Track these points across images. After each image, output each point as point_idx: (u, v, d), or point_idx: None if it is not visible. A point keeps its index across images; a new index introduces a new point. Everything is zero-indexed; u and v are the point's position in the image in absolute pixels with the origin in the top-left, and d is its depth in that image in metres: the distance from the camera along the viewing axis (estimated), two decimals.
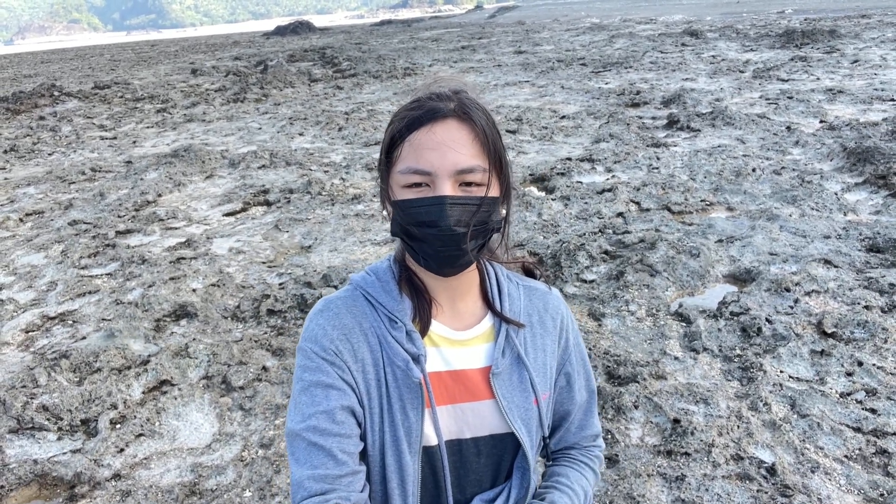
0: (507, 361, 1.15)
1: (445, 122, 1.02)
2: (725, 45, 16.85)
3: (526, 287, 1.25)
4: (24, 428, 2.98)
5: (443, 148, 1.00)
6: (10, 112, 13.57)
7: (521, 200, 5.78)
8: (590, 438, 1.32)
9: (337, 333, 1.09)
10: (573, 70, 14.44)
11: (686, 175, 6.18)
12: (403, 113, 1.05)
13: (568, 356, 1.26)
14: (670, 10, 34.44)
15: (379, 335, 1.10)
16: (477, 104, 1.06)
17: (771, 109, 8.75)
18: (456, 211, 1.00)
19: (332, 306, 1.13)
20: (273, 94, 14.17)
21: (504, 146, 1.09)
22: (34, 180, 7.95)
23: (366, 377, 1.09)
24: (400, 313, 1.11)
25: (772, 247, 4.42)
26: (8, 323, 4.18)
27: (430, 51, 22.18)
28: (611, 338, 3.54)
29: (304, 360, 1.09)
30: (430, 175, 1.00)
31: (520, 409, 1.15)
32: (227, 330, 3.88)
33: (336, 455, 1.02)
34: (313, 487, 1.00)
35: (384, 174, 1.09)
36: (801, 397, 2.87)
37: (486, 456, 1.15)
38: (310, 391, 1.06)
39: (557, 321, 1.24)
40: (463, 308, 1.17)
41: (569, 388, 1.26)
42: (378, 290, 1.13)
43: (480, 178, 1.02)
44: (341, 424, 1.04)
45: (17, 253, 5.43)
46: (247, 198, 6.55)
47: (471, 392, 1.13)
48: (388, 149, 1.07)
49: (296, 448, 1.04)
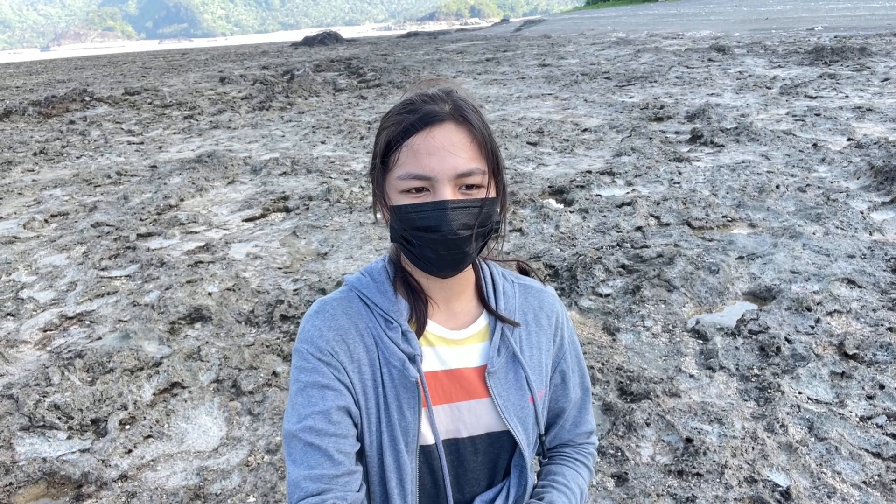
0: (503, 360, 1.15)
1: (443, 126, 1.02)
2: (753, 60, 16.68)
3: (521, 285, 1.25)
4: (35, 426, 3.01)
5: (442, 152, 1.00)
6: (42, 115, 13.88)
7: (539, 212, 5.74)
8: (584, 435, 1.34)
9: (333, 335, 1.10)
10: (597, 83, 14.39)
11: (708, 190, 6.10)
12: (397, 116, 1.05)
13: (563, 354, 1.26)
14: (697, 25, 34.21)
15: (375, 336, 1.11)
16: (470, 104, 1.06)
17: (797, 126, 8.61)
18: (458, 214, 1.00)
19: (327, 307, 1.14)
20: (298, 102, 14.32)
21: (497, 145, 1.10)
22: (61, 182, 8.10)
23: (362, 378, 1.09)
24: (395, 314, 1.11)
25: (794, 265, 4.32)
26: (27, 322, 4.24)
27: (454, 63, 22.28)
28: (625, 353, 3.48)
29: (300, 362, 1.09)
30: (431, 180, 1.00)
31: (516, 407, 1.15)
32: (240, 334, 3.89)
33: (332, 455, 1.03)
34: (310, 487, 1.01)
35: (379, 179, 1.09)
36: (820, 420, 2.79)
37: (483, 454, 1.16)
38: (306, 392, 1.06)
39: (553, 319, 1.24)
40: (458, 307, 1.17)
41: (564, 385, 1.27)
42: (373, 290, 1.14)
43: (480, 180, 1.03)
44: (337, 425, 1.05)
45: (41, 253, 5.52)
46: (267, 204, 6.60)
47: (467, 391, 1.13)
48: (383, 153, 1.06)
49: (292, 448, 1.05)
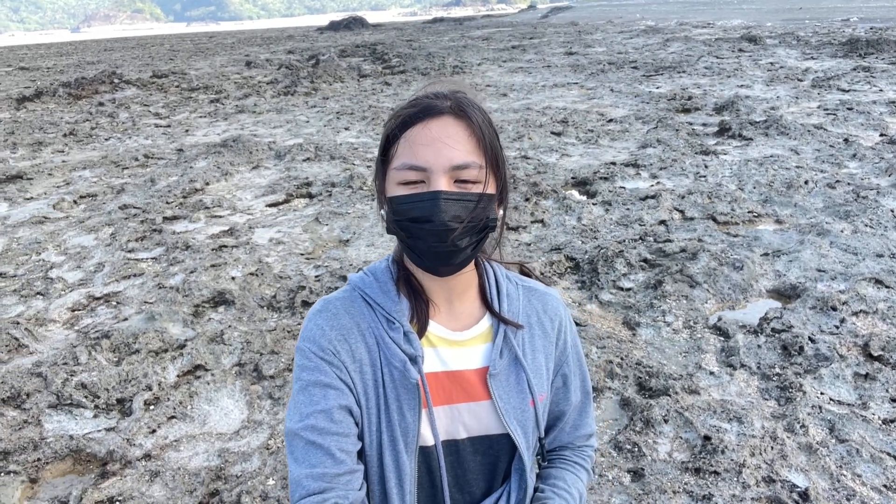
0: (505, 362, 1.15)
1: (441, 119, 1.02)
2: (785, 52, 16.34)
3: (525, 287, 1.24)
4: (63, 404, 3.09)
5: (437, 144, 1.00)
6: (71, 97, 14.09)
7: (562, 204, 5.71)
8: (583, 438, 1.34)
9: (335, 334, 1.09)
10: (624, 73, 14.21)
11: (734, 184, 6.01)
12: (400, 111, 1.05)
13: (565, 358, 1.26)
14: (729, 14, 33.57)
15: (377, 336, 1.11)
16: (474, 103, 1.06)
17: (829, 120, 8.44)
18: (451, 206, 0.99)
19: (330, 307, 1.14)
20: (322, 88, 14.36)
21: (501, 145, 1.09)
22: (90, 164, 8.23)
23: (363, 377, 1.09)
24: (397, 314, 1.11)
25: (820, 263, 4.26)
26: (56, 301, 4.34)
27: (479, 49, 22.14)
28: (644, 348, 3.46)
29: (303, 360, 1.09)
30: (426, 171, 1.00)
31: (516, 410, 1.14)
32: (262, 319, 3.94)
33: (334, 454, 1.03)
34: (311, 486, 1.01)
35: (380, 173, 1.09)
36: (841, 421, 2.76)
37: (482, 456, 1.16)
38: (308, 390, 1.07)
39: (556, 323, 1.23)
40: (461, 309, 1.17)
41: (565, 389, 1.27)
42: (376, 290, 1.14)
43: (476, 174, 1.02)
44: (339, 423, 1.05)
45: (70, 234, 5.63)
46: (290, 189, 6.65)
47: (467, 393, 1.13)
48: (384, 147, 1.07)
49: (294, 447, 1.05)
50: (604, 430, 2.86)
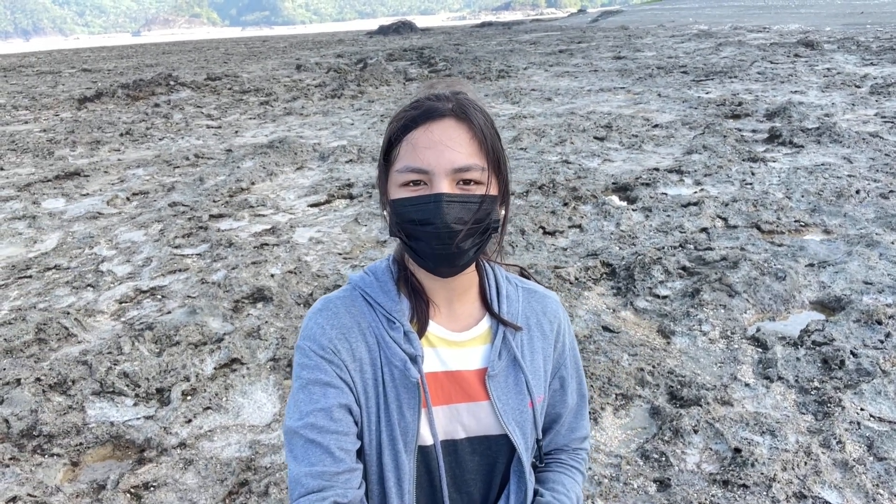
0: (504, 363, 1.15)
1: (443, 121, 1.03)
2: (843, 57, 15.79)
3: (525, 289, 1.25)
4: (106, 391, 3.22)
5: (439, 146, 1.01)
6: (129, 98, 14.63)
7: (601, 209, 5.65)
8: (578, 441, 1.35)
9: (335, 333, 1.10)
10: (673, 78, 13.96)
11: (782, 193, 5.85)
12: (402, 114, 1.07)
13: (563, 360, 1.26)
14: (786, 18, 32.61)
15: (377, 335, 1.11)
16: (476, 105, 1.06)
17: (886, 128, 8.13)
18: (454, 208, 1.00)
19: (330, 305, 1.15)
20: (368, 91, 14.54)
21: (503, 147, 1.09)
22: (144, 163, 8.54)
23: (363, 376, 1.10)
24: (398, 314, 1.11)
25: (867, 275, 4.11)
26: (105, 293, 4.52)
27: (526, 54, 22.07)
28: (678, 357, 3.41)
29: (303, 359, 1.10)
30: (428, 173, 1.01)
31: (514, 411, 1.15)
32: (298, 316, 4.02)
33: (333, 452, 1.04)
34: (311, 484, 1.02)
35: (383, 176, 1.10)
36: (881, 439, 2.66)
37: (480, 456, 1.16)
38: (308, 389, 1.07)
39: (555, 325, 1.24)
40: (460, 309, 1.17)
41: (562, 391, 1.27)
42: (376, 290, 1.15)
43: (479, 176, 1.02)
44: (339, 422, 1.05)
45: (121, 229, 5.85)
46: (332, 190, 6.77)
47: (466, 393, 1.13)
48: (386, 150, 1.08)
49: (294, 445, 1.06)
50: (631, 437, 2.83)
